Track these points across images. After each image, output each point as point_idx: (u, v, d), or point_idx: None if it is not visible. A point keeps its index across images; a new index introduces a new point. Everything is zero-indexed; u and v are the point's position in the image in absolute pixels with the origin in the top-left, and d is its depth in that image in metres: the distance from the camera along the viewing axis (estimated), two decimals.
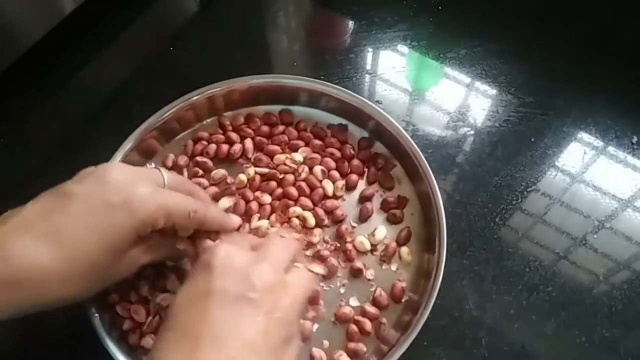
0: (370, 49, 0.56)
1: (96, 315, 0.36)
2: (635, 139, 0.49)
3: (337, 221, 0.43)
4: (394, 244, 0.42)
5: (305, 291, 0.31)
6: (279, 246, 0.32)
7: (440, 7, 0.58)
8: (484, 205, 0.46)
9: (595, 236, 0.45)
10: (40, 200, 0.30)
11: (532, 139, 0.49)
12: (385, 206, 0.44)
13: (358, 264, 0.41)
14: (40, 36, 0.50)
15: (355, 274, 0.41)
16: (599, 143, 0.50)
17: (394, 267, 0.42)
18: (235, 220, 0.39)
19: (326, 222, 0.43)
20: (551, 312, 0.41)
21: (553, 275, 0.43)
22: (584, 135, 0.50)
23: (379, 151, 0.46)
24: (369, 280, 0.41)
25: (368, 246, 0.42)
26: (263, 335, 0.26)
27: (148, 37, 0.58)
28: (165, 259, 0.38)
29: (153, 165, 0.44)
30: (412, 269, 0.42)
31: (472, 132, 0.50)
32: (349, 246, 0.41)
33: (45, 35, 0.50)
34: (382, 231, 0.42)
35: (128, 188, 0.30)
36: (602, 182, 0.47)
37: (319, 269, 0.40)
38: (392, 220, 0.43)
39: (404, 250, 0.42)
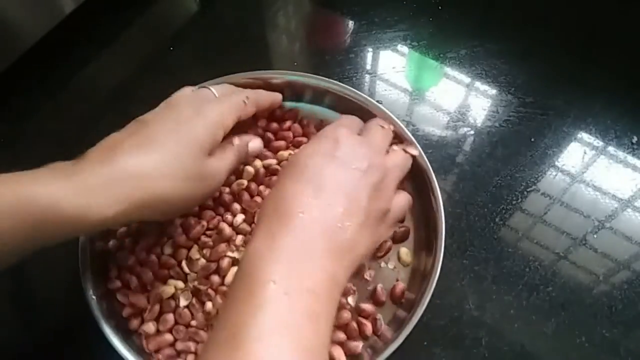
0: (370, 49, 0.56)
1: (93, 297, 0.37)
2: (635, 139, 0.49)
3: None
4: (389, 242, 0.42)
5: (401, 171, 0.37)
6: (378, 133, 0.38)
7: (440, 7, 0.58)
8: (484, 205, 0.46)
9: (595, 236, 0.45)
10: (123, 130, 0.34)
11: (532, 139, 0.49)
12: None
13: None
14: (40, 36, 0.50)
15: (357, 270, 0.41)
16: (599, 143, 0.50)
17: (391, 265, 0.41)
18: (279, 95, 0.44)
19: None
20: (551, 312, 0.41)
21: (553, 275, 0.43)
22: (584, 135, 0.50)
23: None
24: (367, 280, 0.41)
25: None
26: (366, 199, 0.32)
27: (148, 37, 0.58)
28: (239, 164, 0.41)
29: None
30: (410, 269, 0.41)
31: (472, 132, 0.50)
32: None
33: (45, 35, 0.50)
34: None
35: (196, 105, 0.36)
36: (602, 182, 0.47)
37: (414, 150, 0.41)
38: None
39: (403, 250, 0.42)
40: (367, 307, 0.39)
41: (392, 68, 0.54)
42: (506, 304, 0.42)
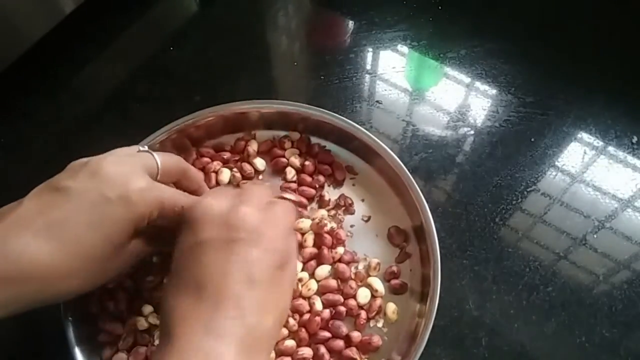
0: (370, 49, 0.56)
1: (70, 318, 0.36)
2: (635, 139, 0.49)
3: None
4: (379, 301, 0.40)
5: (289, 219, 0.33)
6: (256, 189, 0.33)
7: (440, 7, 0.58)
8: (484, 205, 0.46)
9: (595, 236, 0.45)
10: (36, 197, 0.30)
11: (532, 139, 0.49)
12: (388, 276, 0.41)
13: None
14: (40, 36, 0.50)
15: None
16: (599, 143, 0.50)
17: (380, 324, 0.40)
18: None
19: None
20: (551, 312, 0.41)
21: (553, 275, 0.43)
22: (584, 135, 0.50)
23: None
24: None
25: (368, 299, 0.40)
26: (258, 267, 0.28)
27: (148, 37, 0.58)
28: (165, 249, 0.37)
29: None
30: (399, 329, 0.40)
31: (472, 132, 0.50)
32: (363, 314, 0.39)
33: (45, 35, 0.50)
34: (379, 286, 0.40)
35: (124, 182, 0.30)
36: (602, 182, 0.47)
37: (292, 196, 0.40)
38: (387, 278, 0.41)
39: (390, 307, 0.40)
40: None
41: (392, 68, 0.54)
42: (506, 304, 0.42)
